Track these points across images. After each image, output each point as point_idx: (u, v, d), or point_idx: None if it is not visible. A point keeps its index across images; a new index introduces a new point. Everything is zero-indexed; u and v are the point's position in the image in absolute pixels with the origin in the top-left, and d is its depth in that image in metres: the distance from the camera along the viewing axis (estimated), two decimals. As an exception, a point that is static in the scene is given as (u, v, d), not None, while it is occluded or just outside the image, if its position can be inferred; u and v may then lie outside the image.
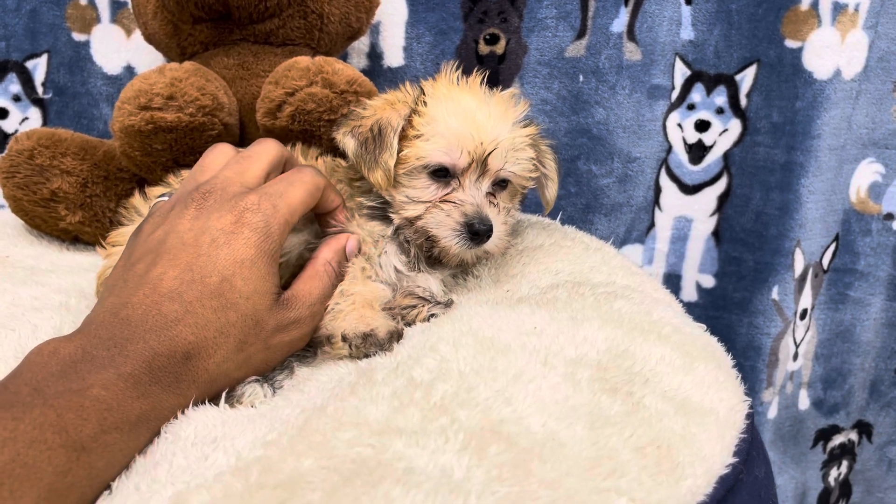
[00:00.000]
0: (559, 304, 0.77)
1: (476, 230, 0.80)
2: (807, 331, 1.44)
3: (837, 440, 1.52)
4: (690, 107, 1.33)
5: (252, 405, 0.64)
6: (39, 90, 1.31)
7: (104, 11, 1.29)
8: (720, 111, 1.33)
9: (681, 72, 1.31)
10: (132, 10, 1.11)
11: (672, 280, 1.42)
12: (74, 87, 1.32)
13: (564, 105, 1.30)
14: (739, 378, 0.70)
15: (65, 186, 1.05)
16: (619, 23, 1.26)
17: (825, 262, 1.40)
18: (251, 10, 1.01)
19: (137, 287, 0.61)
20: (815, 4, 1.24)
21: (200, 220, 0.66)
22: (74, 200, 1.06)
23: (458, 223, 0.80)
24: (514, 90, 0.89)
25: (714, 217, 1.38)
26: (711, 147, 1.34)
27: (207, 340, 0.60)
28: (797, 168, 1.31)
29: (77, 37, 1.30)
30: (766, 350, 1.40)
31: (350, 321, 0.72)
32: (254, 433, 0.56)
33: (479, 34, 1.28)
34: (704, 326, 0.80)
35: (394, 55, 1.29)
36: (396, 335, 0.73)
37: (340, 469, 0.50)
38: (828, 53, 1.26)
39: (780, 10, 1.25)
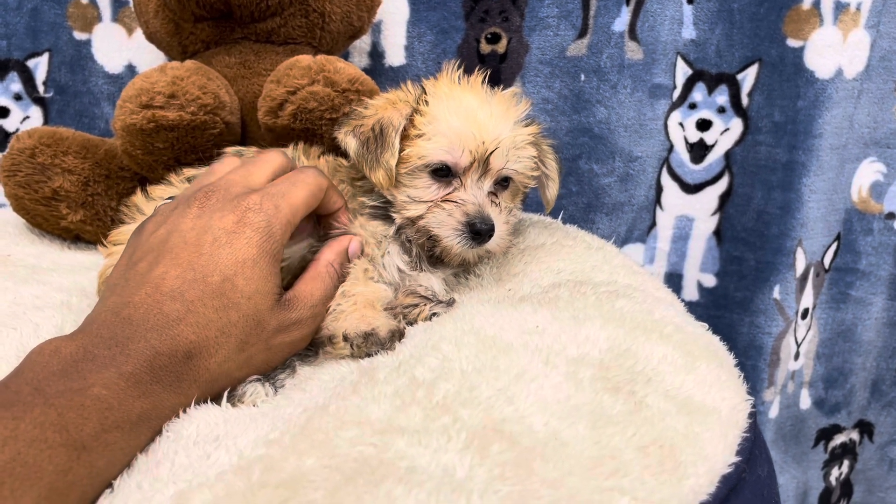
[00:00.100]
0: (561, 303, 0.77)
1: (478, 230, 0.80)
2: (808, 330, 1.44)
3: (839, 440, 1.51)
4: (692, 106, 1.33)
5: (254, 404, 0.64)
6: (41, 89, 1.31)
7: (105, 10, 1.29)
8: (722, 110, 1.32)
9: (682, 71, 1.31)
10: (133, 9, 1.11)
11: (673, 279, 1.42)
12: (76, 86, 1.31)
13: (566, 104, 1.30)
14: (741, 377, 0.70)
15: (66, 185, 1.05)
16: (621, 22, 1.26)
17: (826, 262, 1.40)
18: (253, 9, 1.01)
19: (139, 286, 0.61)
20: (817, 4, 1.24)
21: (203, 219, 0.66)
22: (76, 199, 1.06)
23: (460, 223, 0.80)
24: (516, 89, 0.89)
25: (715, 216, 1.38)
26: (713, 146, 1.34)
27: (209, 340, 0.60)
28: (799, 167, 1.31)
29: (78, 35, 1.30)
30: (768, 349, 1.40)
31: (351, 321, 0.72)
32: (256, 432, 0.56)
33: (481, 33, 1.28)
34: (706, 325, 0.80)
35: (395, 54, 1.29)
36: (398, 334, 0.73)
37: (342, 468, 0.50)
38: (829, 53, 1.25)
39: (782, 10, 1.25)
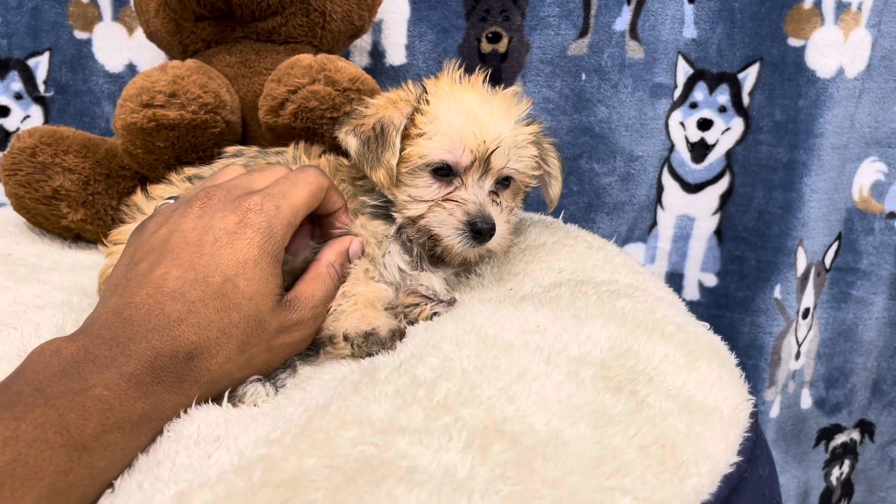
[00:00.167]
0: (562, 303, 0.77)
1: (478, 229, 0.79)
2: (809, 330, 1.44)
3: (839, 439, 1.51)
4: (693, 105, 1.33)
5: (255, 404, 0.64)
6: (41, 88, 1.31)
7: (106, 9, 1.29)
8: (723, 110, 1.32)
9: (683, 70, 1.31)
10: (134, 8, 1.11)
11: (674, 279, 1.42)
12: (76, 85, 1.31)
13: (567, 103, 1.30)
14: (743, 377, 0.70)
15: (66, 184, 1.05)
16: (622, 21, 1.26)
17: (827, 261, 1.40)
18: (253, 8, 1.01)
19: (140, 286, 0.61)
20: (818, 3, 1.24)
21: (204, 219, 0.66)
22: (76, 198, 1.06)
23: (461, 222, 0.80)
24: (517, 88, 0.89)
25: (716, 216, 1.38)
26: (714, 146, 1.34)
27: (210, 341, 0.60)
28: (800, 167, 1.30)
29: (79, 35, 1.29)
30: (769, 349, 1.40)
31: (352, 321, 0.71)
32: (257, 432, 0.56)
33: (482, 32, 1.27)
34: (707, 325, 0.80)
35: (396, 53, 1.29)
36: (399, 334, 0.73)
37: (343, 468, 0.50)
38: (831, 52, 1.25)
39: (783, 9, 1.25)
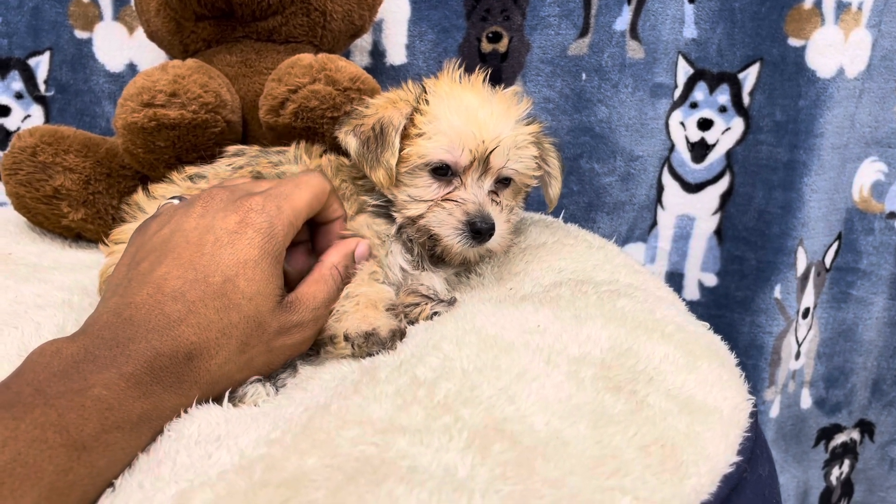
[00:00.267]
0: (562, 303, 0.77)
1: (478, 229, 0.80)
2: (809, 329, 1.44)
3: (839, 439, 1.51)
4: (693, 105, 1.33)
5: (255, 404, 0.64)
6: (42, 87, 1.31)
7: (106, 9, 1.29)
8: (723, 109, 1.32)
9: (683, 70, 1.31)
10: (135, 8, 1.11)
11: (674, 278, 1.42)
12: (77, 85, 1.31)
13: (567, 103, 1.30)
14: (743, 376, 0.70)
15: (67, 184, 1.05)
16: (622, 21, 1.26)
17: (828, 261, 1.40)
18: (254, 8, 1.01)
19: (141, 286, 0.61)
20: (819, 3, 1.24)
21: (206, 219, 0.66)
22: (77, 198, 1.06)
23: (460, 221, 0.80)
24: (517, 88, 0.89)
25: (716, 215, 1.38)
26: (714, 145, 1.34)
27: (210, 341, 0.60)
28: (800, 167, 1.30)
29: (79, 34, 1.29)
30: (769, 349, 1.40)
31: (353, 321, 0.71)
32: (257, 431, 0.56)
33: (482, 32, 1.27)
34: (708, 325, 0.80)
35: (396, 53, 1.28)
36: (399, 334, 0.73)
37: (344, 467, 0.50)
38: (831, 52, 1.25)
39: (784, 9, 1.25)
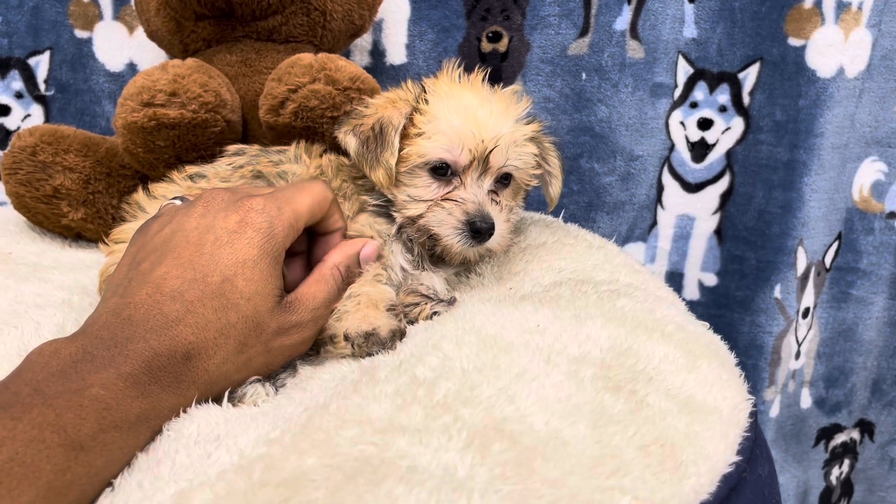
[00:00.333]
0: (562, 302, 0.77)
1: (478, 228, 0.79)
2: (809, 329, 1.44)
3: (839, 439, 1.51)
4: (693, 105, 1.33)
5: (255, 404, 0.64)
6: (42, 87, 1.31)
7: (106, 8, 1.29)
8: (723, 109, 1.32)
9: (683, 70, 1.31)
10: (135, 7, 1.11)
11: (674, 278, 1.42)
12: (77, 84, 1.31)
13: (567, 103, 1.30)
14: (742, 376, 0.70)
15: (67, 183, 1.05)
16: (622, 20, 1.26)
17: (828, 261, 1.40)
18: (254, 7, 1.01)
19: (140, 286, 0.61)
20: (819, 3, 1.24)
21: (207, 218, 0.66)
22: (77, 197, 1.06)
23: (460, 221, 0.80)
24: (516, 87, 0.89)
25: (716, 215, 1.38)
26: (714, 145, 1.34)
27: (208, 341, 0.60)
28: (800, 166, 1.30)
29: (79, 34, 1.29)
30: (769, 349, 1.39)
31: (353, 321, 0.71)
32: (256, 431, 0.56)
33: (482, 32, 1.27)
34: (707, 324, 0.80)
35: (396, 53, 1.28)
36: (399, 334, 0.73)
37: (343, 467, 0.50)
38: (831, 52, 1.25)
39: (784, 9, 1.25)
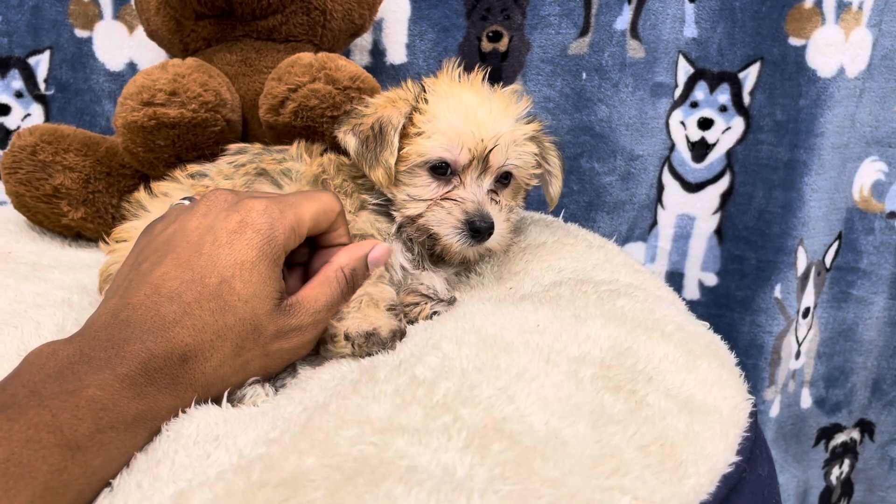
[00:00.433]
0: (562, 302, 0.77)
1: (477, 228, 0.79)
2: (809, 329, 1.44)
3: (839, 439, 1.51)
4: (693, 104, 1.33)
5: (254, 405, 0.64)
6: (42, 86, 1.31)
7: (106, 8, 1.29)
8: (723, 109, 1.32)
9: (684, 69, 1.31)
10: (135, 7, 1.11)
11: (674, 278, 1.42)
12: (77, 84, 1.31)
13: (567, 103, 1.30)
14: (742, 376, 0.70)
15: (67, 182, 1.05)
16: (623, 20, 1.26)
17: (828, 261, 1.40)
18: (254, 7, 1.01)
19: (140, 287, 0.61)
20: (819, 2, 1.24)
21: (208, 218, 0.66)
22: (77, 197, 1.06)
23: (460, 221, 0.80)
24: (516, 87, 0.89)
25: (717, 215, 1.38)
26: (714, 145, 1.34)
27: (204, 343, 0.60)
28: (800, 166, 1.30)
29: (79, 33, 1.29)
30: (769, 348, 1.39)
31: (354, 320, 0.71)
32: (256, 431, 0.56)
33: (482, 31, 1.27)
34: (707, 324, 0.80)
35: (396, 52, 1.28)
36: (399, 334, 0.72)
37: (343, 467, 0.50)
38: (831, 51, 1.25)
39: (784, 8, 1.25)
